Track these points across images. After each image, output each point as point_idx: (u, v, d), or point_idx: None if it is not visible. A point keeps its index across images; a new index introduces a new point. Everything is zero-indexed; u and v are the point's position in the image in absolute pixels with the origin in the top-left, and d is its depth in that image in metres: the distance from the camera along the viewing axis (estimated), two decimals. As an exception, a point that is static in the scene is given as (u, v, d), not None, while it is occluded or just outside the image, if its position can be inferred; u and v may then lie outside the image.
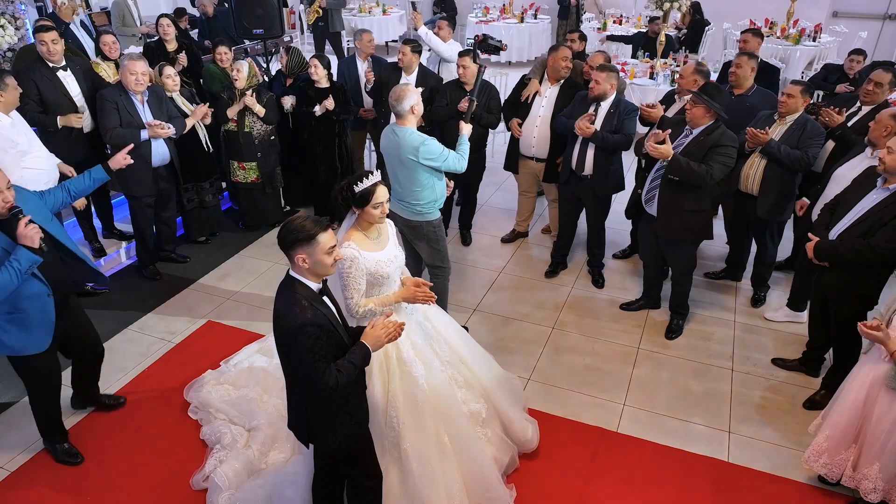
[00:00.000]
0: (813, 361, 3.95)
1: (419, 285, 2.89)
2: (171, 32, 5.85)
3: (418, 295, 2.86)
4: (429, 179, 3.75)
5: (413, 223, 3.88)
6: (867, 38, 9.60)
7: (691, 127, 3.89)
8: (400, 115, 3.66)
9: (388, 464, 2.83)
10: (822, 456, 3.05)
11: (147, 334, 4.29)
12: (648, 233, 4.25)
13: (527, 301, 4.74)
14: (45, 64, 4.43)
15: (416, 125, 3.73)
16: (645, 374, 4.00)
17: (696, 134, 3.86)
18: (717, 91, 3.78)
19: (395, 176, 3.80)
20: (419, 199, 3.78)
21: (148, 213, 4.74)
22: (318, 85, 5.23)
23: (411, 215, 3.85)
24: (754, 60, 4.66)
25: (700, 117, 3.81)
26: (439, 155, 3.68)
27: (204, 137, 5.05)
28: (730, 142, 3.77)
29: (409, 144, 3.63)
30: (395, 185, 3.81)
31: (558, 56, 4.70)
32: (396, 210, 3.85)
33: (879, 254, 3.20)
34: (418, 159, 3.65)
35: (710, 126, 3.82)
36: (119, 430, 3.50)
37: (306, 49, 11.16)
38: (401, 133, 3.67)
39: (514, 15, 11.38)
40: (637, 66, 7.68)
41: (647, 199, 4.10)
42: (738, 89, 4.67)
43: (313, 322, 2.22)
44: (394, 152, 3.72)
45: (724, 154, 3.76)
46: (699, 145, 3.81)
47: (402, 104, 3.60)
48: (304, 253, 2.25)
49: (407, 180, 3.74)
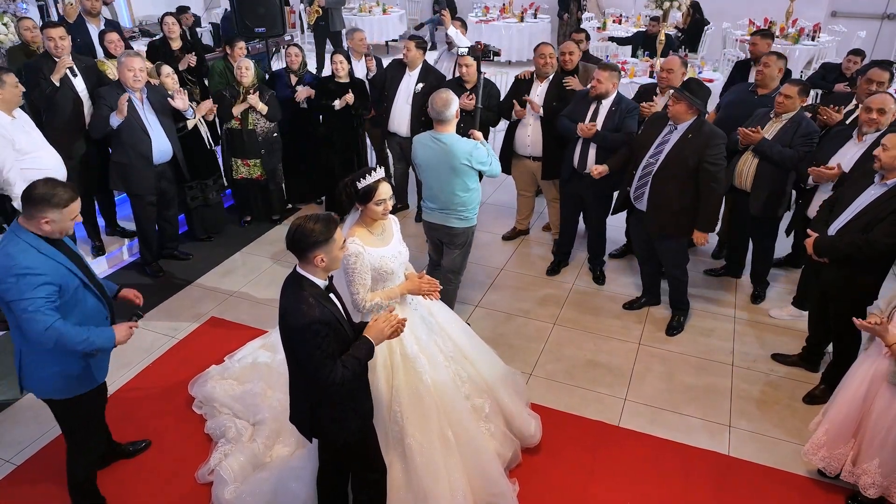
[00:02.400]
0: (812, 357, 3.98)
1: (423, 278, 2.91)
2: (175, 31, 5.86)
3: (423, 287, 2.88)
4: (475, 184, 3.78)
5: (456, 231, 3.86)
6: (866, 37, 9.64)
7: (674, 123, 3.90)
8: (445, 121, 3.61)
9: (392, 458, 2.86)
10: (820, 450, 3.07)
11: (150, 331, 4.31)
12: (639, 229, 4.29)
13: (528, 298, 4.77)
14: (53, 60, 4.43)
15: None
16: (646, 369, 4.03)
17: (682, 131, 3.87)
18: (699, 87, 3.82)
19: (438, 185, 3.75)
20: (466, 205, 3.78)
21: (150, 210, 4.76)
22: (338, 80, 5.28)
23: (457, 222, 3.84)
24: (783, 61, 4.53)
25: (683, 113, 3.84)
26: (487, 158, 3.71)
27: (206, 135, 5.08)
28: (720, 139, 3.82)
29: (461, 150, 3.62)
30: (438, 194, 3.77)
31: (536, 54, 4.78)
32: (437, 220, 3.86)
33: (878, 249, 3.23)
34: (471, 164, 3.65)
35: (694, 123, 3.84)
36: (124, 425, 3.51)
37: (307, 49, 11.17)
38: (448, 140, 3.63)
39: (513, 14, 11.40)
40: (637, 65, 7.71)
41: (636, 196, 4.13)
42: (762, 89, 4.54)
43: (321, 320, 2.24)
44: (441, 160, 3.66)
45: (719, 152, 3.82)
46: (689, 144, 3.82)
47: (449, 109, 3.56)
48: (322, 253, 2.28)
49: (456, 187, 3.71)
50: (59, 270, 2.46)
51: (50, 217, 2.43)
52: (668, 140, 3.94)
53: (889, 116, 3.62)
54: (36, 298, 2.38)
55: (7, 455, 3.33)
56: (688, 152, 3.82)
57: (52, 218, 2.43)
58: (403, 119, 5.29)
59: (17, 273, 2.36)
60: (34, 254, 2.41)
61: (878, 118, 3.61)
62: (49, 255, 2.45)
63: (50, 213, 2.42)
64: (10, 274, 2.36)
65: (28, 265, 2.37)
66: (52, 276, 2.42)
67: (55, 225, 2.45)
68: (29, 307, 2.37)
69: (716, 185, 3.88)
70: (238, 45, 5.45)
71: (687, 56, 7.85)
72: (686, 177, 3.88)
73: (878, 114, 3.60)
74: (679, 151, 3.86)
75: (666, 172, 3.92)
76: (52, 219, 2.43)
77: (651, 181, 3.98)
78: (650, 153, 4.02)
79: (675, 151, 3.87)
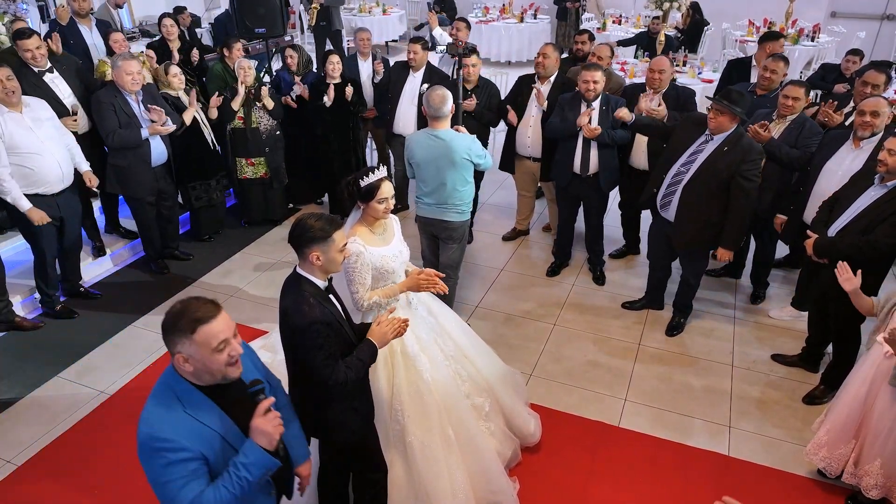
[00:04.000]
0: (812, 357, 3.99)
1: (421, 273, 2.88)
2: (174, 32, 5.89)
3: (422, 283, 2.87)
4: (470, 177, 3.89)
5: (454, 225, 3.95)
6: (865, 38, 9.64)
7: (712, 134, 3.78)
8: (441, 118, 3.73)
9: (393, 457, 2.86)
10: (821, 450, 3.08)
11: (151, 331, 4.32)
12: (661, 236, 4.19)
13: (528, 298, 4.77)
14: (31, 69, 4.37)
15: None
16: (646, 369, 4.04)
17: (719, 143, 3.75)
18: (740, 97, 3.69)
19: (438, 181, 3.82)
20: (464, 199, 3.89)
21: (149, 210, 4.77)
22: (331, 80, 5.30)
23: (455, 216, 3.92)
24: (787, 66, 4.55)
25: (726, 123, 3.71)
26: (482, 151, 3.87)
27: (209, 136, 5.09)
28: (758, 154, 3.72)
29: (461, 145, 3.74)
30: (437, 190, 3.85)
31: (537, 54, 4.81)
32: (435, 215, 3.93)
33: (879, 250, 3.24)
34: (471, 157, 3.77)
35: (732, 135, 3.72)
36: (125, 425, 3.52)
37: (307, 48, 11.18)
38: (446, 136, 3.74)
39: (513, 15, 11.40)
40: (637, 65, 7.72)
41: (662, 205, 4.03)
42: (761, 90, 4.57)
43: (322, 320, 2.24)
44: (441, 155, 3.75)
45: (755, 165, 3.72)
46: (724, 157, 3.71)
47: (446, 106, 3.68)
48: (319, 251, 2.28)
49: (456, 181, 3.82)
50: (204, 435, 1.78)
51: (186, 350, 1.74)
52: (703, 150, 3.82)
53: (883, 119, 3.61)
54: (173, 480, 1.72)
55: (8, 455, 3.33)
56: (721, 165, 3.70)
57: (187, 353, 1.74)
58: (409, 120, 5.30)
59: (155, 447, 1.73)
60: (177, 414, 1.76)
61: (872, 121, 3.60)
62: (194, 416, 1.77)
63: (184, 345, 1.74)
64: (148, 447, 1.74)
65: (167, 436, 1.72)
66: (192, 447, 1.74)
67: (198, 362, 1.75)
68: (166, 492, 1.74)
69: (746, 201, 3.75)
70: (236, 47, 5.46)
71: (687, 57, 7.87)
72: (718, 190, 3.76)
73: (872, 117, 3.59)
74: (712, 163, 3.74)
75: (697, 183, 3.80)
76: (187, 353, 1.74)
77: (681, 191, 3.89)
78: (682, 161, 3.89)
79: (709, 163, 3.75)
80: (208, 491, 1.73)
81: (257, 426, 1.80)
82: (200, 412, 1.78)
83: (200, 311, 1.73)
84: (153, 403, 1.78)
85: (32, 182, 3.93)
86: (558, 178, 4.71)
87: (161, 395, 1.79)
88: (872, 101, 3.64)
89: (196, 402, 1.78)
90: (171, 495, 1.71)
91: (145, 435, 1.73)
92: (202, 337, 1.71)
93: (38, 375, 3.88)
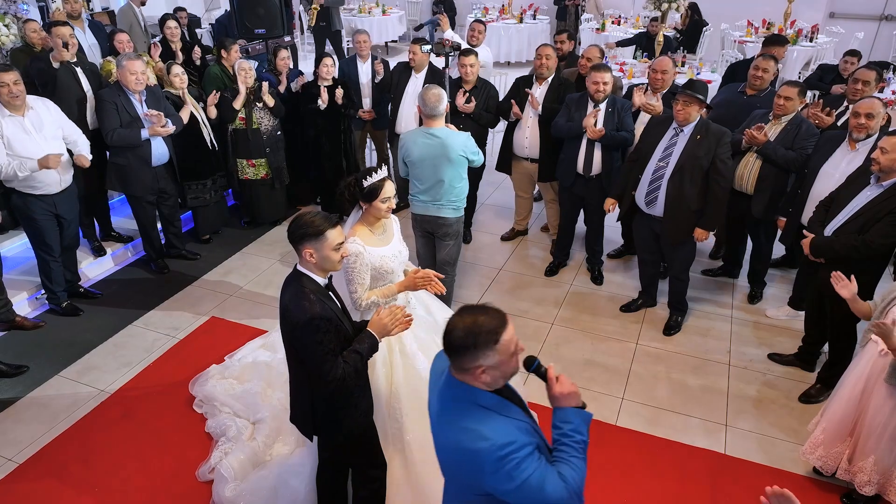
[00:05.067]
0: (809, 356, 4.00)
1: (418, 273, 2.90)
2: (177, 34, 5.93)
3: (418, 281, 2.88)
4: (465, 173, 3.99)
5: (449, 221, 4.01)
6: (864, 38, 9.66)
7: (681, 125, 3.89)
8: (436, 117, 3.80)
9: (392, 453, 2.88)
10: (818, 448, 3.09)
11: (151, 330, 4.34)
12: (646, 232, 4.26)
13: (526, 298, 4.79)
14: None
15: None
16: (643, 369, 4.05)
17: (690, 133, 3.87)
18: (700, 84, 3.90)
19: (435, 178, 3.89)
20: (459, 195, 3.98)
21: (150, 210, 4.79)
22: (323, 83, 5.31)
23: (451, 212, 3.99)
24: (776, 65, 4.60)
25: (695, 112, 3.85)
26: (476, 147, 3.95)
27: (208, 136, 5.10)
28: (728, 136, 3.87)
29: (457, 142, 3.83)
30: (433, 187, 3.91)
31: (536, 55, 4.83)
32: (431, 213, 4.00)
33: (874, 249, 3.26)
34: (466, 154, 3.86)
35: (700, 123, 3.86)
36: (125, 424, 3.54)
37: (307, 49, 11.21)
38: (442, 133, 3.81)
39: (512, 15, 11.42)
40: (636, 66, 7.74)
41: (647, 202, 4.08)
42: (751, 90, 4.59)
43: (322, 316, 2.26)
44: (437, 153, 3.82)
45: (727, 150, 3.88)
46: (701, 145, 3.83)
47: (442, 104, 3.76)
48: (312, 248, 2.30)
49: (452, 178, 3.90)
50: (523, 428, 1.81)
51: (489, 363, 1.75)
52: (676, 142, 3.92)
53: (878, 120, 3.62)
54: (531, 474, 1.73)
55: (9, 454, 3.35)
56: (701, 152, 3.82)
57: (489, 364, 1.75)
58: (411, 120, 5.31)
59: (501, 455, 1.71)
60: (497, 419, 1.78)
61: (866, 123, 3.61)
62: (509, 416, 1.81)
63: (487, 358, 1.75)
64: (493, 458, 1.71)
65: (506, 440, 1.72)
66: (529, 440, 1.77)
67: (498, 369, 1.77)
68: (528, 488, 1.73)
69: (725, 182, 3.90)
70: (233, 48, 5.47)
71: (685, 57, 7.89)
72: (701, 178, 3.88)
73: (867, 118, 3.60)
74: (692, 153, 3.84)
75: (681, 175, 3.89)
76: (489, 365, 1.75)
77: (666, 185, 3.95)
78: (658, 157, 3.98)
79: (688, 154, 3.85)
80: (562, 468, 1.80)
81: (560, 393, 1.90)
82: (510, 411, 1.82)
83: (493, 321, 1.76)
84: (469, 423, 1.77)
85: (30, 184, 3.97)
86: (563, 178, 4.73)
87: (468, 412, 1.79)
88: (867, 103, 3.66)
89: (504, 405, 1.82)
90: (536, 486, 1.72)
91: (486, 451, 1.72)
92: (503, 345, 1.75)
93: (38, 374, 3.90)
